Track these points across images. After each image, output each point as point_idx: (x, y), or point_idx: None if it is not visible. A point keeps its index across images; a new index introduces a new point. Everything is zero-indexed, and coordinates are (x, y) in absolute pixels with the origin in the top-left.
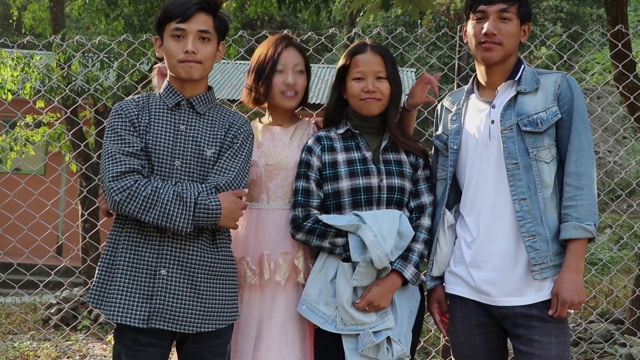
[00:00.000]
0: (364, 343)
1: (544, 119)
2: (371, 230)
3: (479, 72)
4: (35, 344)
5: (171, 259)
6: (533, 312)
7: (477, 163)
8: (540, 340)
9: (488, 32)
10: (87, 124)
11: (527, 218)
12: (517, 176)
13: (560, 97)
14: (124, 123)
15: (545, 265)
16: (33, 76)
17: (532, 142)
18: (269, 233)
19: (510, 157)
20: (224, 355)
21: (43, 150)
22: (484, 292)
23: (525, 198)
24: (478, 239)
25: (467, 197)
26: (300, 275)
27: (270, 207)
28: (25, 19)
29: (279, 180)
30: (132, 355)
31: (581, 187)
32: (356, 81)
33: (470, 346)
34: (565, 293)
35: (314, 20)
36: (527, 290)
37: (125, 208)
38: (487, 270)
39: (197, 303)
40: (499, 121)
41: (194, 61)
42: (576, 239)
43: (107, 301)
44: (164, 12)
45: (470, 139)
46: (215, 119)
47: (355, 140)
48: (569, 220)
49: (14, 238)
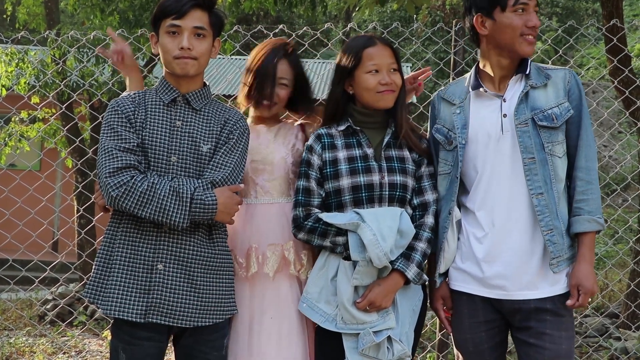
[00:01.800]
0: (364, 342)
1: (558, 115)
2: (370, 229)
3: (495, 66)
4: (31, 340)
5: (168, 253)
6: (547, 306)
7: (489, 157)
8: (552, 334)
9: (536, 24)
10: (82, 119)
11: (545, 212)
12: (534, 170)
13: (570, 93)
14: (120, 119)
15: (561, 258)
16: (28, 72)
17: (548, 137)
18: (257, 227)
19: (526, 152)
20: (221, 349)
21: (38, 146)
22: (497, 286)
23: (542, 192)
24: (491, 233)
25: (477, 191)
26: (291, 266)
27: (259, 201)
28: (20, 14)
29: (266, 175)
30: (129, 350)
31: (591, 182)
32: (371, 74)
33: (477, 343)
34: (588, 283)
35: (309, 15)
36: (541, 283)
37: (122, 203)
38: (502, 265)
39: (194, 297)
40: (512, 115)
41: (189, 57)
42: (589, 232)
43: (105, 296)
44: (159, 8)
45: (480, 133)
46: (211, 114)
47: (357, 137)
48: (582, 214)
49: (9, 234)
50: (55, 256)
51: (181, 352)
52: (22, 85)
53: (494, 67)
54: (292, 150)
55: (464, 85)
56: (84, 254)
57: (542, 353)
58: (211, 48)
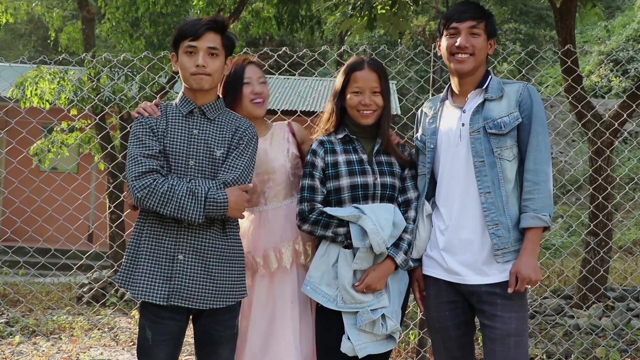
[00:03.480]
0: (362, 319)
1: (507, 123)
2: (371, 220)
3: (453, 82)
4: (71, 318)
5: (187, 245)
6: (497, 291)
7: (449, 160)
8: (502, 315)
9: (461, 45)
10: (113, 129)
11: (491, 209)
12: (483, 172)
13: (521, 104)
14: (145, 129)
15: (507, 250)
16: (67, 88)
17: (497, 142)
18: (270, 229)
19: (477, 156)
20: (233, 327)
21: (76, 152)
22: (455, 272)
23: (490, 191)
24: (450, 226)
25: (441, 190)
26: (301, 257)
27: (269, 207)
28: (61, 40)
29: (271, 184)
30: (154, 328)
31: (538, 182)
32: (355, 94)
33: (441, 320)
34: (524, 271)
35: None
36: (490, 271)
37: (146, 203)
38: (458, 254)
39: (210, 283)
40: (468, 124)
41: (204, 74)
42: (533, 228)
43: (133, 282)
44: (178, 32)
45: (444, 139)
46: (224, 123)
47: (353, 144)
48: (527, 211)
49: (51, 227)
50: (90, 246)
51: (199, 330)
52: (62, 100)
53: (453, 84)
54: (288, 156)
55: (439, 99)
56: (114, 245)
57: (494, 332)
58: (223, 66)
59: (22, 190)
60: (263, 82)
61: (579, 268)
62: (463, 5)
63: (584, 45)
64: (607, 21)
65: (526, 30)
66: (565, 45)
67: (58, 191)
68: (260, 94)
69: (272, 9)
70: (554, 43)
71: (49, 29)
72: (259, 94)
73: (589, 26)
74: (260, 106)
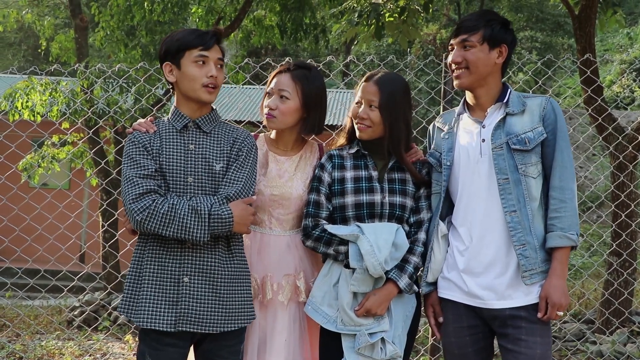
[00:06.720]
0: (359, 342)
1: (532, 138)
2: (367, 241)
3: (467, 95)
4: (61, 343)
5: (192, 267)
6: (522, 314)
7: (468, 178)
8: (527, 339)
9: (452, 61)
10: (107, 143)
11: (518, 228)
12: (508, 190)
13: (545, 119)
14: (138, 149)
15: (534, 271)
16: (59, 100)
17: (521, 159)
18: (270, 257)
19: (501, 173)
20: (237, 354)
21: (67, 167)
22: (477, 295)
23: (515, 210)
24: (470, 247)
25: (459, 209)
26: (302, 295)
27: (272, 233)
28: (53, 49)
29: (283, 209)
30: (155, 355)
31: (564, 200)
32: (356, 105)
33: (461, 346)
34: (555, 296)
35: (313, 49)
36: (515, 294)
37: (146, 226)
38: (480, 276)
39: (219, 305)
40: (489, 140)
41: (215, 85)
42: (561, 247)
43: (137, 309)
44: (182, 41)
45: (462, 156)
46: (221, 135)
47: (365, 160)
48: (554, 230)
49: (41, 247)
50: (82, 267)
51: (201, 356)
52: (54, 112)
53: (468, 97)
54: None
55: (454, 113)
56: (107, 265)
57: (518, 357)
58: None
59: (10, 207)
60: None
61: (601, 290)
62: (464, 19)
63: (604, 53)
64: (629, 28)
65: (543, 38)
66: (584, 54)
67: (48, 208)
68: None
69: (275, 17)
70: (573, 52)
71: (40, 37)
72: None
73: (610, 34)
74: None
